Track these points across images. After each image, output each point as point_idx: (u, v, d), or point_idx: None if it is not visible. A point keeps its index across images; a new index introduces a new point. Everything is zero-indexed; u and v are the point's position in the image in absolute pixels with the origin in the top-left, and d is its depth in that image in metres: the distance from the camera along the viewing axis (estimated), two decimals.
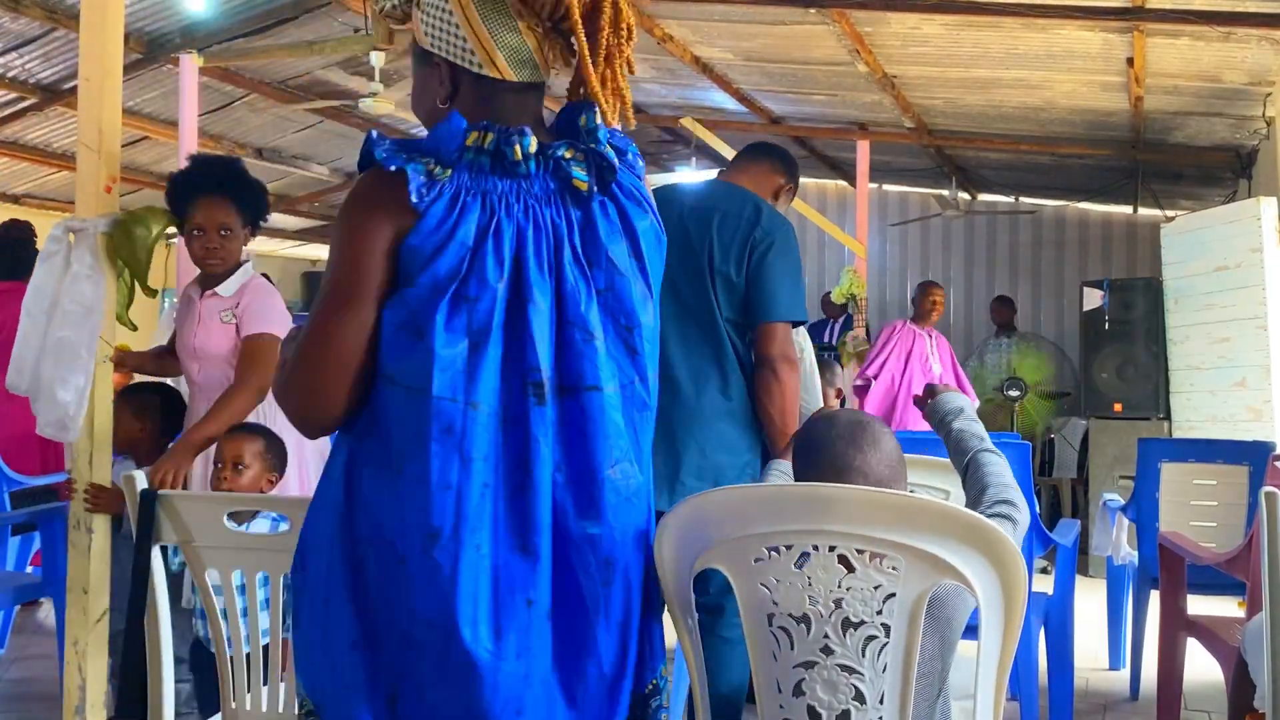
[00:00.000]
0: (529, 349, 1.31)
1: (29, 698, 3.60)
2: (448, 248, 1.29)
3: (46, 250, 2.51)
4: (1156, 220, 8.06)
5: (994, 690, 1.44)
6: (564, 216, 1.36)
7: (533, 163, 1.35)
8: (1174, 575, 3.09)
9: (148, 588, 1.94)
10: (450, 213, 1.31)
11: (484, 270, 1.30)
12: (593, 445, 1.34)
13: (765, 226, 2.56)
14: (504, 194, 1.34)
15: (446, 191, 1.31)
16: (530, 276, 1.32)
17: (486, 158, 1.34)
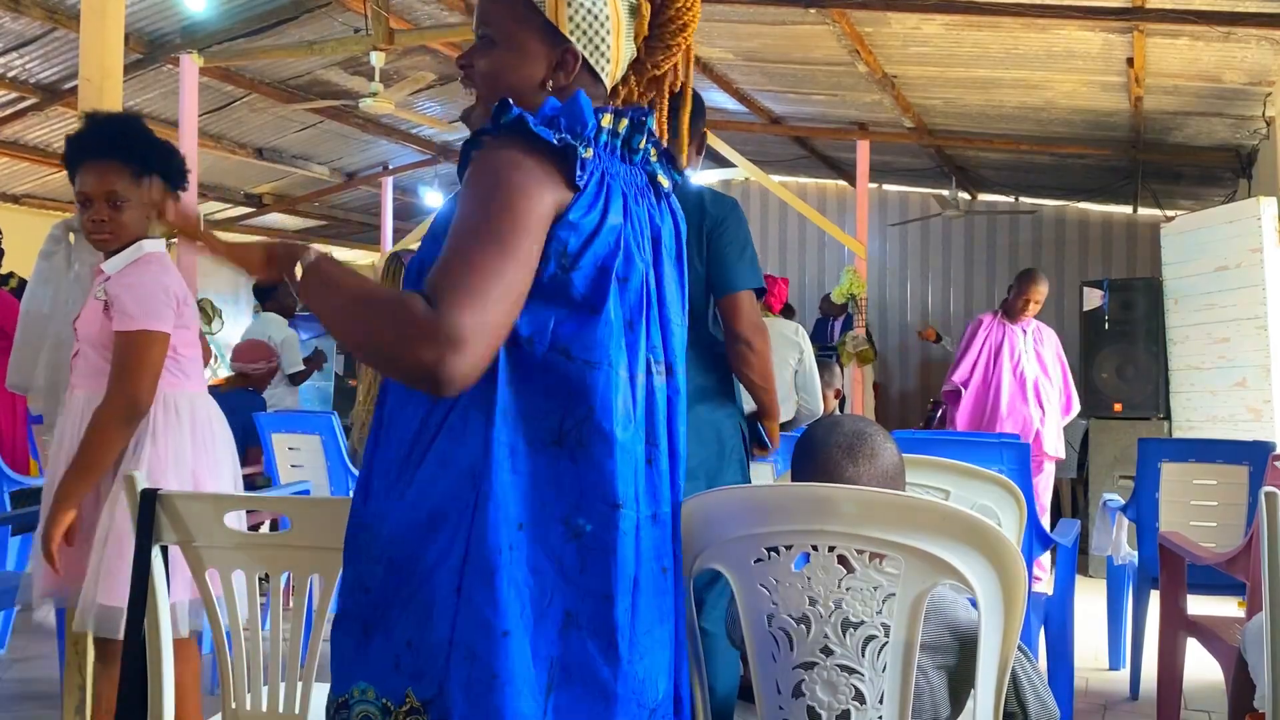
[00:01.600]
0: (655, 328, 1.40)
1: (29, 698, 3.60)
2: (603, 228, 1.32)
3: (46, 249, 2.51)
4: (1156, 220, 8.07)
5: (994, 690, 1.44)
6: (659, 209, 1.45)
7: (638, 156, 1.42)
8: (1174, 575, 3.09)
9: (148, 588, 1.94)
10: (599, 193, 1.33)
11: (631, 255, 1.35)
12: (677, 425, 1.43)
13: (711, 211, 2.61)
14: (630, 182, 1.40)
15: (596, 171, 1.33)
16: (662, 264, 1.43)
17: (617, 141, 1.38)
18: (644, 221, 1.40)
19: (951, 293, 9.56)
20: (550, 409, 1.28)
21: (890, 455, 1.64)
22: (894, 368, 9.69)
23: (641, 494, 1.34)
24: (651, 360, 1.39)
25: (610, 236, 1.32)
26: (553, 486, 1.27)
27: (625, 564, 1.30)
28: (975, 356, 5.43)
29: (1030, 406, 5.34)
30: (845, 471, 1.60)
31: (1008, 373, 5.33)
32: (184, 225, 1.52)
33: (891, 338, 9.64)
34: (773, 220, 10.09)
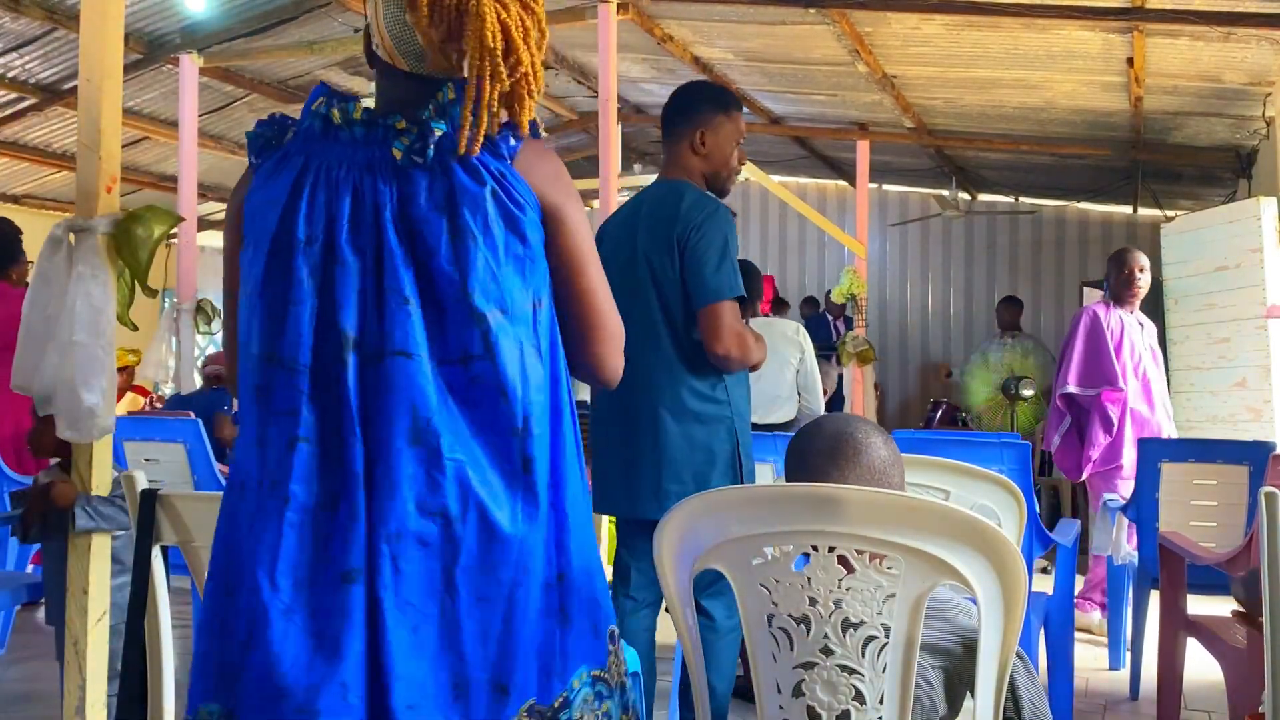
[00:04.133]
0: (342, 309, 1.33)
1: (29, 698, 3.60)
2: (262, 206, 1.36)
3: (46, 250, 2.51)
4: (1156, 220, 8.07)
5: (994, 691, 1.44)
6: (389, 185, 1.36)
7: (359, 129, 1.37)
8: (1174, 575, 3.09)
9: (148, 588, 1.94)
10: (274, 172, 1.38)
11: (293, 230, 1.34)
12: (393, 412, 1.31)
13: (684, 218, 2.55)
14: (328, 157, 1.37)
15: (277, 153, 1.39)
16: (342, 239, 1.34)
17: (319, 121, 1.39)
18: (363, 197, 1.35)
19: (951, 293, 9.55)
20: (242, 399, 1.40)
21: (876, 450, 1.59)
22: (894, 368, 9.68)
23: (296, 477, 1.31)
24: (344, 342, 1.32)
25: (268, 213, 1.35)
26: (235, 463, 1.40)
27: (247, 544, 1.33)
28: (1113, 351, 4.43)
29: (1158, 413, 4.46)
30: (830, 477, 1.56)
31: (1132, 376, 4.44)
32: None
33: (891, 338, 9.64)
34: (773, 220, 10.09)
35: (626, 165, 8.68)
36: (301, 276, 1.33)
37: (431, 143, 1.34)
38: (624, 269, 2.58)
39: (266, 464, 1.33)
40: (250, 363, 1.35)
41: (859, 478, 1.56)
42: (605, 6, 5.15)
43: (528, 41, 1.39)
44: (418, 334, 1.32)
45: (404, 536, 1.30)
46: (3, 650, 4.06)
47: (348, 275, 1.33)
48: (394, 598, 1.29)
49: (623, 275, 2.55)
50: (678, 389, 2.57)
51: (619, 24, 5.33)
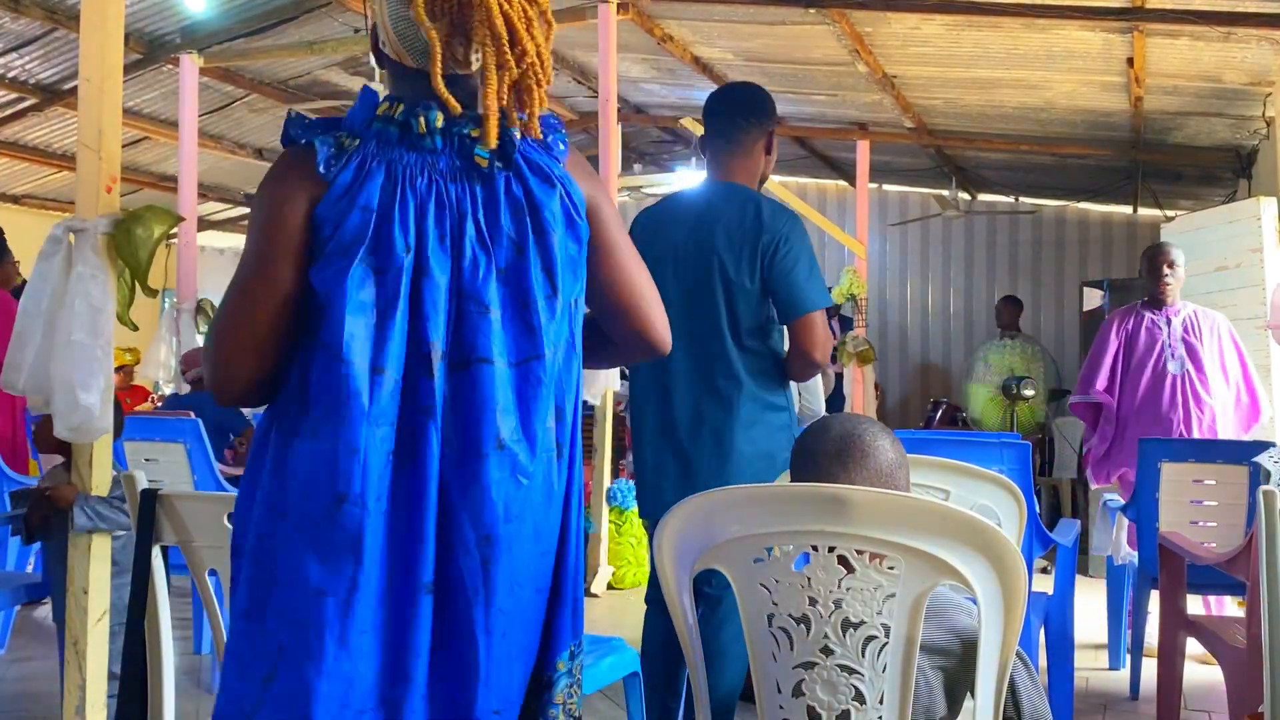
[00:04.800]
0: (424, 321, 1.34)
1: (29, 697, 3.60)
2: (352, 212, 1.33)
3: (46, 250, 2.51)
4: (1156, 220, 8.07)
5: (994, 691, 1.44)
6: (468, 193, 1.38)
7: (439, 138, 1.38)
8: (1174, 575, 3.09)
9: (148, 589, 1.94)
10: (356, 179, 1.35)
11: (391, 241, 1.33)
12: (480, 418, 1.34)
13: (769, 229, 2.55)
14: (409, 166, 1.37)
15: (354, 160, 1.36)
16: (430, 249, 1.35)
17: (395, 128, 1.38)
18: (445, 206, 1.36)
19: (951, 293, 9.55)
20: (307, 400, 1.34)
21: (884, 452, 1.58)
22: (894, 368, 9.68)
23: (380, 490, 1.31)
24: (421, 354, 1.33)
25: (357, 221, 1.33)
26: (297, 475, 1.32)
27: (342, 560, 1.29)
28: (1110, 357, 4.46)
29: (1177, 410, 4.34)
30: (837, 478, 1.56)
31: (1147, 371, 4.37)
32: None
33: (892, 338, 9.64)
34: None
35: (626, 165, 8.68)
36: (399, 288, 1.33)
37: (516, 146, 1.38)
38: (693, 266, 2.59)
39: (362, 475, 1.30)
40: (345, 370, 1.31)
41: (866, 480, 1.56)
42: (605, 6, 5.15)
43: (532, 31, 1.40)
44: (497, 341, 1.36)
45: (495, 540, 1.33)
46: (3, 650, 4.06)
47: (434, 286, 1.34)
48: (485, 605, 1.33)
49: (692, 273, 2.58)
50: (743, 393, 2.59)
51: (619, 24, 5.33)
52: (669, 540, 1.56)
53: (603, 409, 5.29)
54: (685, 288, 2.59)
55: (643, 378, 2.70)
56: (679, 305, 2.58)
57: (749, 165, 2.69)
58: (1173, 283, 4.42)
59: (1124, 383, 4.43)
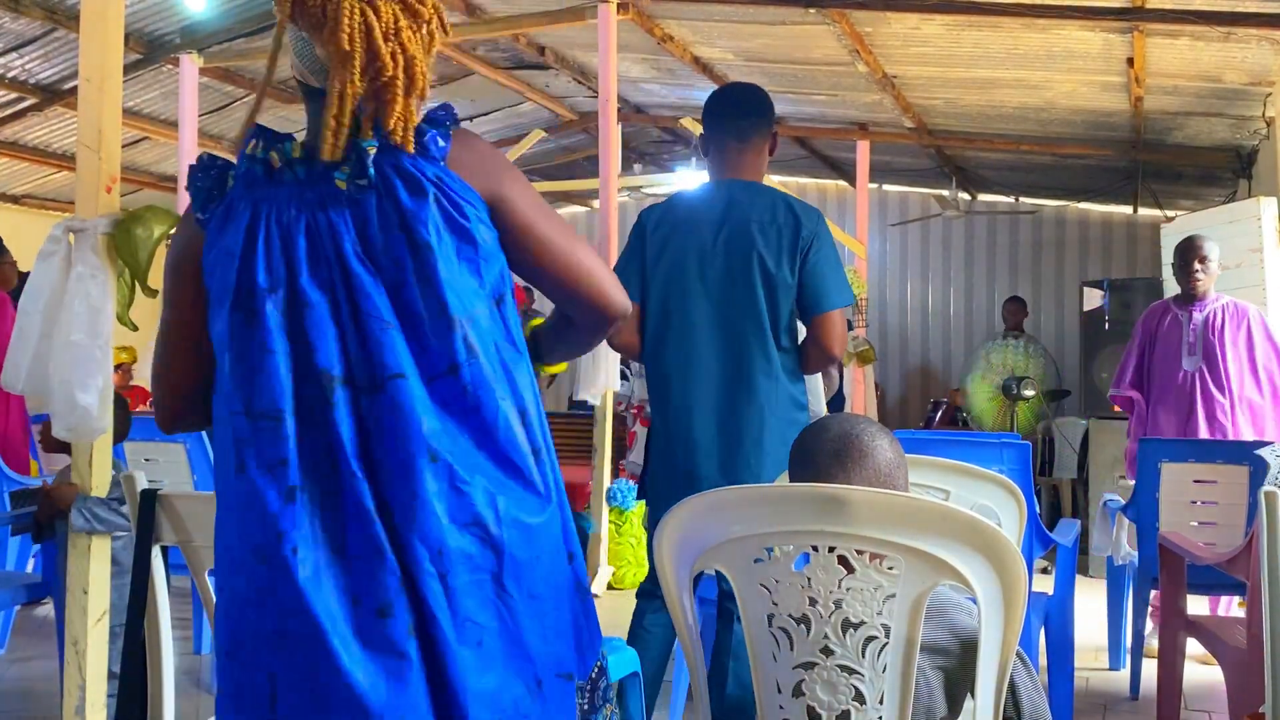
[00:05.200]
0: (317, 350, 1.30)
1: (29, 697, 3.60)
2: (221, 259, 1.34)
3: (45, 250, 2.50)
4: (1156, 220, 8.07)
5: (994, 691, 1.44)
6: (342, 217, 1.33)
7: (300, 169, 1.35)
8: (1174, 575, 3.09)
9: (148, 589, 1.94)
10: (224, 223, 1.35)
11: (253, 280, 1.31)
12: (406, 434, 1.30)
13: (806, 224, 2.61)
14: (276, 201, 1.34)
15: (223, 204, 1.37)
16: (303, 280, 1.31)
17: (259, 166, 1.36)
18: (319, 233, 1.33)
19: (951, 293, 9.55)
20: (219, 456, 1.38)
21: (883, 452, 1.58)
22: (894, 368, 9.68)
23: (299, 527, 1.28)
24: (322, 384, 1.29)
25: (225, 268, 1.33)
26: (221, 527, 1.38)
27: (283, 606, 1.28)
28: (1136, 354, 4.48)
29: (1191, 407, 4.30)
30: (835, 478, 1.55)
31: (1166, 367, 4.36)
32: None
33: (892, 338, 9.64)
34: None
35: (626, 165, 8.67)
36: (271, 325, 1.30)
37: (369, 163, 1.32)
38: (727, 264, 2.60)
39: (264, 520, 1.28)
40: (229, 419, 1.32)
41: (864, 479, 1.55)
42: (605, 6, 5.15)
43: (400, 40, 1.34)
44: (404, 355, 1.31)
45: (446, 553, 1.29)
46: (3, 650, 4.06)
47: (317, 315, 1.31)
48: (451, 618, 1.29)
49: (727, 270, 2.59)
50: (779, 391, 2.61)
51: (619, 24, 5.33)
52: (669, 540, 1.56)
53: (603, 409, 5.29)
54: (716, 286, 2.61)
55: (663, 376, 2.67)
56: (706, 304, 2.61)
57: (758, 164, 2.73)
58: (1203, 278, 4.29)
59: (1149, 379, 4.42)
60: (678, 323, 2.63)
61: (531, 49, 6.55)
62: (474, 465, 1.33)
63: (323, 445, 1.30)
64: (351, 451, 1.29)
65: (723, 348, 2.61)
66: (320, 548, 1.28)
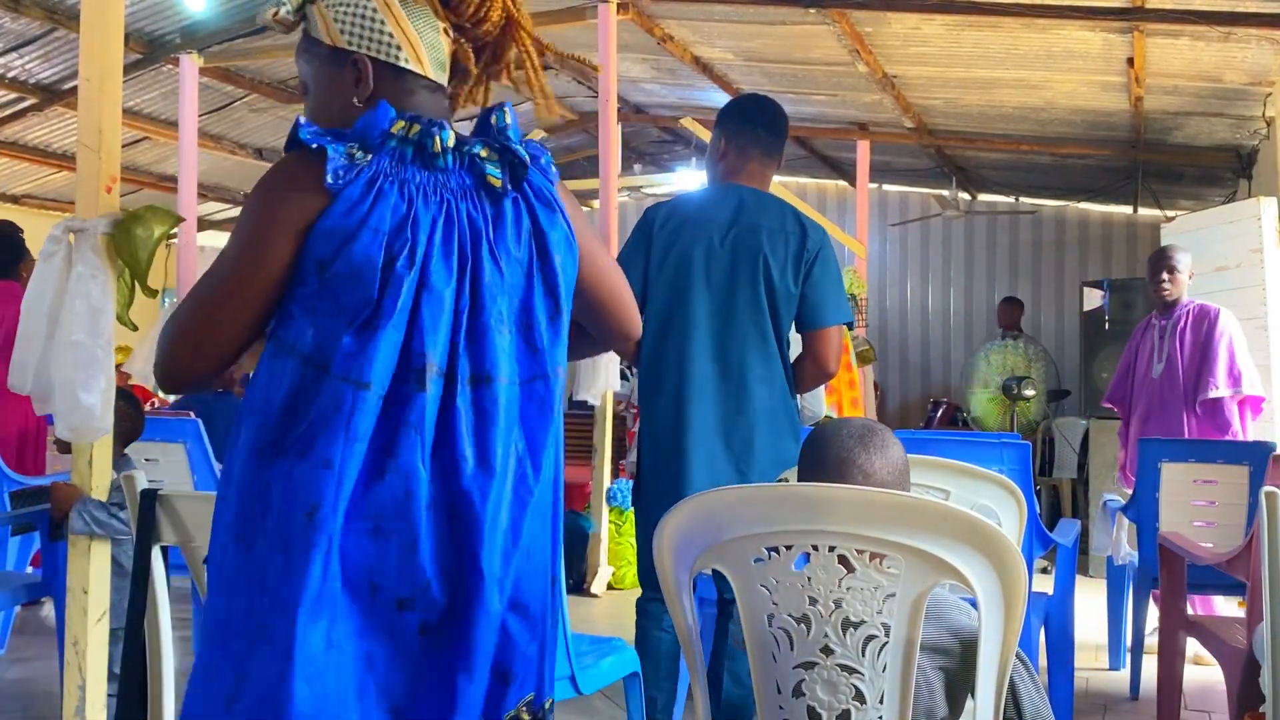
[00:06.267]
0: (421, 335, 1.31)
1: (29, 698, 3.60)
2: (361, 233, 1.30)
3: (46, 250, 2.51)
4: (1156, 220, 8.07)
5: (994, 691, 1.44)
6: (480, 211, 1.38)
7: (450, 157, 1.37)
8: (1174, 575, 3.09)
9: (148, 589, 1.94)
10: (365, 196, 1.32)
11: (394, 258, 1.31)
12: (490, 434, 1.34)
13: (812, 238, 2.62)
14: (422, 185, 1.35)
15: (364, 175, 1.32)
16: (433, 266, 1.33)
17: (410, 147, 1.36)
18: (455, 224, 1.35)
19: (951, 293, 9.55)
20: (284, 412, 1.31)
21: (899, 452, 1.63)
22: (894, 368, 9.69)
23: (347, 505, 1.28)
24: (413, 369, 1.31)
25: (367, 243, 1.30)
26: (262, 497, 1.30)
27: (311, 578, 1.25)
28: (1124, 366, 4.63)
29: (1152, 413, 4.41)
30: (858, 458, 1.58)
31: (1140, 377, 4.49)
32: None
33: (892, 338, 9.64)
34: None
35: (626, 165, 8.68)
36: (395, 304, 1.30)
37: (526, 170, 1.39)
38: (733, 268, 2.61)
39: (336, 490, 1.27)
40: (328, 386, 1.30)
41: (883, 467, 1.59)
42: (605, 6, 5.15)
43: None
44: (507, 358, 1.36)
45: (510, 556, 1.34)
46: (3, 650, 4.06)
47: (436, 301, 1.32)
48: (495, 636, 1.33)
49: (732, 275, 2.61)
50: (775, 396, 2.62)
51: (619, 24, 5.33)
52: (669, 540, 1.56)
53: (603, 409, 5.29)
54: (720, 287, 2.62)
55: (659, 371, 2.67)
56: (708, 303, 2.62)
57: (767, 178, 2.76)
58: (1169, 288, 4.38)
59: (1131, 392, 4.55)
60: (679, 320, 2.63)
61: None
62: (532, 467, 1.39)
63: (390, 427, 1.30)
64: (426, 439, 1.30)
65: (721, 348, 2.61)
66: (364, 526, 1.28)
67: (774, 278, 2.59)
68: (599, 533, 5.32)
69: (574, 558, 5.27)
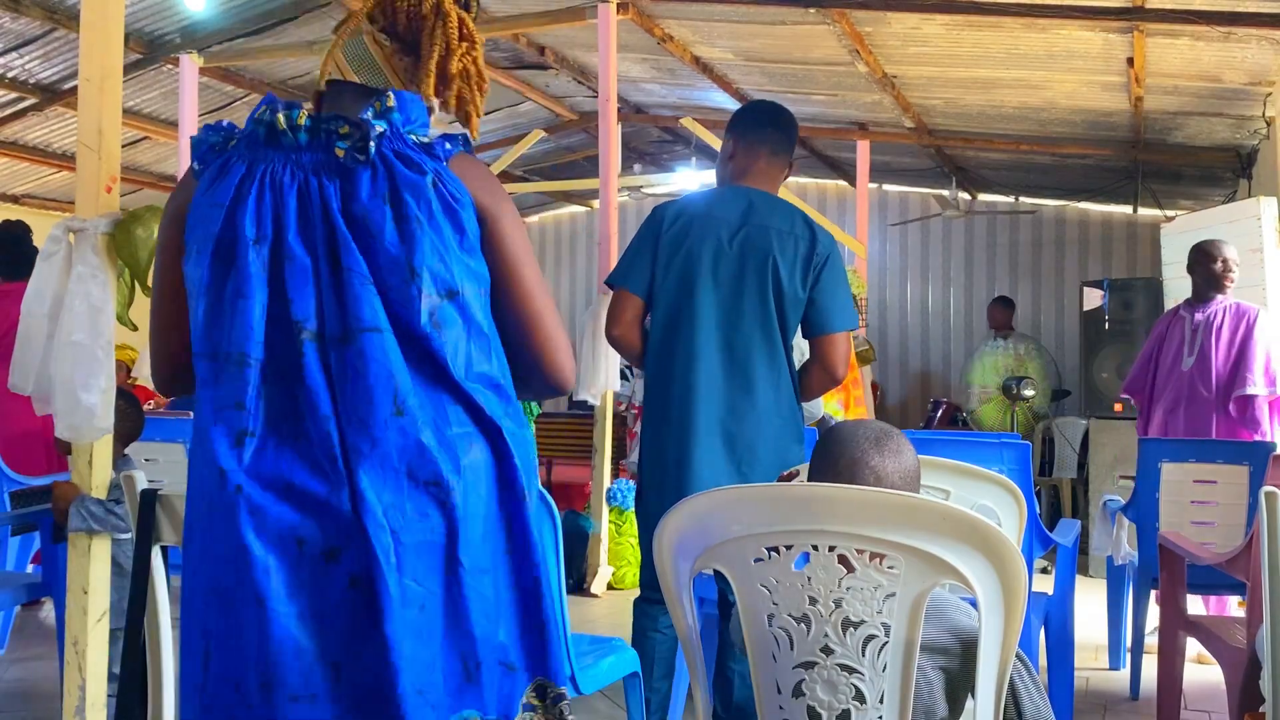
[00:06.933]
0: (294, 302, 1.36)
1: (29, 697, 3.60)
2: (206, 210, 1.40)
3: (46, 250, 2.51)
4: (1156, 220, 8.07)
5: (994, 691, 1.44)
6: (333, 184, 1.40)
7: (303, 134, 1.42)
8: (1174, 575, 3.09)
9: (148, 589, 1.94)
10: (217, 178, 1.41)
11: (238, 228, 1.38)
12: (374, 386, 1.34)
13: (822, 242, 2.62)
14: (272, 161, 1.41)
15: (220, 159, 1.43)
16: (290, 235, 1.37)
17: (263, 128, 1.42)
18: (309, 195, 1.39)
19: (951, 293, 9.55)
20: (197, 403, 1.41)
21: (912, 458, 1.64)
22: (894, 368, 9.69)
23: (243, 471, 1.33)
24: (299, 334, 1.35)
25: (211, 218, 1.38)
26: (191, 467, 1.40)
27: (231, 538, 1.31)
28: (1146, 355, 4.56)
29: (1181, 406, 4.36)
30: (871, 460, 1.59)
31: (1167, 368, 4.43)
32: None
33: (892, 338, 9.64)
34: None
35: (626, 165, 8.68)
36: (251, 273, 1.36)
37: (373, 139, 1.39)
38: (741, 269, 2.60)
39: (211, 463, 1.34)
40: (198, 362, 1.39)
41: (895, 470, 1.60)
42: (605, 6, 5.15)
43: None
44: (380, 311, 1.36)
45: (401, 508, 1.32)
46: (3, 650, 4.06)
47: (298, 269, 1.36)
48: (397, 576, 1.30)
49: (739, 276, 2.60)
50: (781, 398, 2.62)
51: (619, 24, 5.33)
52: (669, 540, 1.56)
53: (603, 409, 5.29)
54: (728, 286, 2.61)
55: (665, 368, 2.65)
56: (714, 305, 2.60)
57: (776, 181, 2.76)
58: (1231, 275, 4.38)
59: (1154, 379, 4.49)
60: (686, 317, 2.62)
61: (531, 49, 6.55)
62: (441, 426, 1.37)
63: (289, 394, 1.35)
64: (323, 398, 1.34)
65: (728, 348, 2.60)
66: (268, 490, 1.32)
67: (782, 280, 2.58)
68: (599, 533, 5.32)
69: (574, 558, 5.27)
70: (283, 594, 1.30)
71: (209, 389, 1.37)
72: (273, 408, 1.35)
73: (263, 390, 1.35)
